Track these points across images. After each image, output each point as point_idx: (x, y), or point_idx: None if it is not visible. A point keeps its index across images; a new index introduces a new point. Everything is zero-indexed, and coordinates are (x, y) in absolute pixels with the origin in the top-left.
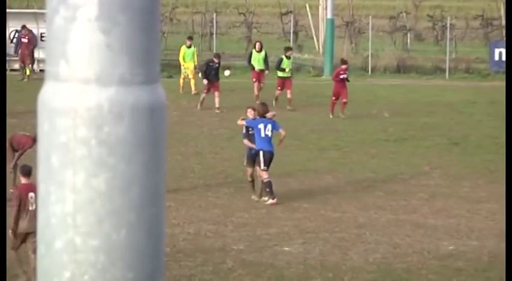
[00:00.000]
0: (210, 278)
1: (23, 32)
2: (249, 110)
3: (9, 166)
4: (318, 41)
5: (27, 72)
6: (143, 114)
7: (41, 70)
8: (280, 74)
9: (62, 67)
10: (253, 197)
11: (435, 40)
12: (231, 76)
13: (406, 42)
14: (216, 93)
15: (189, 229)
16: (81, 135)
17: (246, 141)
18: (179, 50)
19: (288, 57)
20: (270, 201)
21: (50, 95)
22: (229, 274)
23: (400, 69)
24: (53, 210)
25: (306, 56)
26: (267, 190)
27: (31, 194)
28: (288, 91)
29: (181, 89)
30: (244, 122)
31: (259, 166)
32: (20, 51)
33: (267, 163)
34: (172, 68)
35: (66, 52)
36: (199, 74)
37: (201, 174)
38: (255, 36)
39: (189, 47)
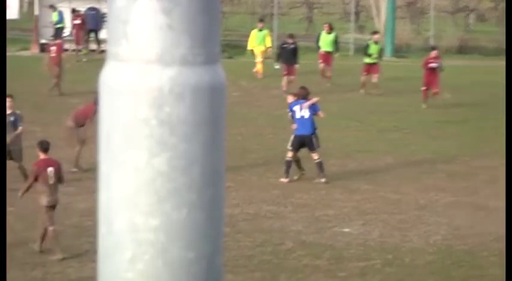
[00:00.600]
0: (269, 258)
1: (76, 14)
2: (289, 96)
3: (82, 139)
4: (379, 21)
5: (84, 52)
6: (204, 94)
7: (102, 51)
8: (367, 60)
9: (123, 47)
10: (294, 177)
11: (497, 21)
12: None
13: (468, 23)
14: (292, 78)
15: (248, 209)
16: (142, 116)
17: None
18: (248, 33)
19: (376, 42)
20: (283, 179)
21: (111, 76)
22: (289, 254)
23: (462, 50)
24: (114, 190)
25: (367, 36)
26: (284, 168)
27: (50, 169)
28: (374, 76)
29: (258, 74)
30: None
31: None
32: (74, 32)
33: (298, 146)
34: (232, 48)
35: (128, 32)
36: (276, 59)
37: (261, 154)
38: (316, 17)
39: (260, 30)
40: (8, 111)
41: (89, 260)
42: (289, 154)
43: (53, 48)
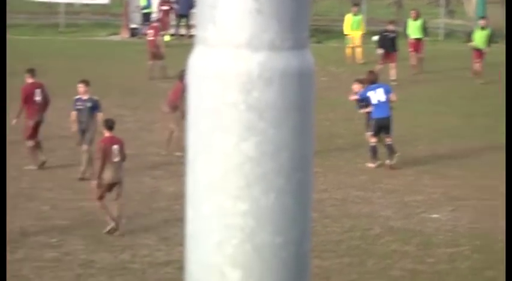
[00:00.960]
0: (358, 244)
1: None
2: (354, 85)
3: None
4: (469, 6)
5: (168, 39)
6: (292, 79)
7: (190, 36)
8: (474, 45)
9: (211, 32)
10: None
11: None
12: None
13: None
14: (392, 65)
15: (336, 194)
16: (230, 101)
17: (362, 110)
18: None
19: (483, 28)
20: (370, 165)
21: (199, 61)
22: (377, 240)
23: None
24: (202, 174)
25: (457, 21)
26: (370, 153)
27: (115, 146)
28: (478, 64)
29: (349, 59)
30: (357, 97)
31: (372, 131)
32: (160, 18)
33: (378, 130)
34: (321, 33)
35: (216, 17)
36: (377, 45)
37: (349, 140)
38: (405, 1)
39: (355, 14)
40: (85, 97)
41: (177, 243)
42: (372, 139)
43: (150, 31)
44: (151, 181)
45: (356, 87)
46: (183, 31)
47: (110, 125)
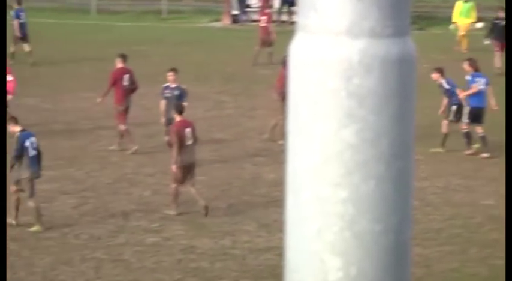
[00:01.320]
0: (459, 232)
1: None
2: (433, 74)
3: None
4: None
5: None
6: (393, 66)
7: (292, 22)
8: None
9: (312, 19)
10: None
11: None
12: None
13: None
14: (499, 54)
15: (438, 182)
16: (331, 87)
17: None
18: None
19: None
20: (468, 151)
21: (300, 47)
22: (479, 228)
23: None
24: (302, 161)
25: None
26: (466, 140)
27: (187, 130)
28: None
29: (460, 47)
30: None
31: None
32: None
33: (473, 118)
34: (423, 20)
35: (317, 4)
36: (487, 34)
37: (451, 128)
38: None
39: (466, 1)
40: (173, 85)
41: (277, 230)
42: (465, 127)
43: (263, 17)
44: (252, 168)
45: (435, 76)
46: (284, 17)
47: (180, 109)
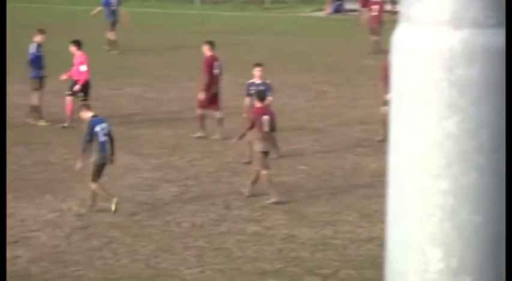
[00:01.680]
0: None
1: None
2: None
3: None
4: None
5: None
6: (495, 57)
7: (394, 12)
8: None
9: (416, 9)
10: None
11: None
12: None
13: None
14: None
15: None
16: (433, 77)
17: None
18: None
19: None
20: None
21: (403, 37)
22: None
23: None
24: (404, 152)
25: None
26: None
27: (265, 117)
28: None
29: None
30: None
31: None
32: None
33: None
34: None
35: None
36: None
37: None
38: None
39: None
40: (258, 81)
41: (378, 220)
42: None
43: (375, 6)
44: (353, 158)
45: None
46: (388, 7)
47: (261, 96)
